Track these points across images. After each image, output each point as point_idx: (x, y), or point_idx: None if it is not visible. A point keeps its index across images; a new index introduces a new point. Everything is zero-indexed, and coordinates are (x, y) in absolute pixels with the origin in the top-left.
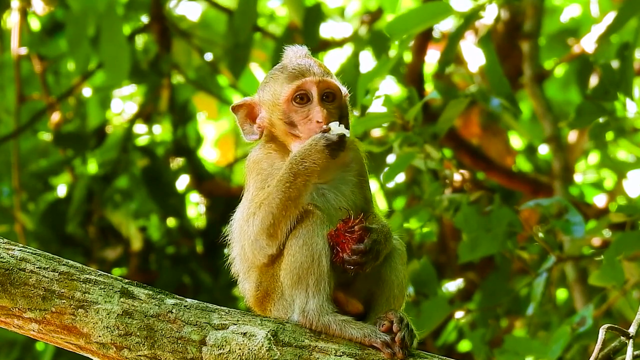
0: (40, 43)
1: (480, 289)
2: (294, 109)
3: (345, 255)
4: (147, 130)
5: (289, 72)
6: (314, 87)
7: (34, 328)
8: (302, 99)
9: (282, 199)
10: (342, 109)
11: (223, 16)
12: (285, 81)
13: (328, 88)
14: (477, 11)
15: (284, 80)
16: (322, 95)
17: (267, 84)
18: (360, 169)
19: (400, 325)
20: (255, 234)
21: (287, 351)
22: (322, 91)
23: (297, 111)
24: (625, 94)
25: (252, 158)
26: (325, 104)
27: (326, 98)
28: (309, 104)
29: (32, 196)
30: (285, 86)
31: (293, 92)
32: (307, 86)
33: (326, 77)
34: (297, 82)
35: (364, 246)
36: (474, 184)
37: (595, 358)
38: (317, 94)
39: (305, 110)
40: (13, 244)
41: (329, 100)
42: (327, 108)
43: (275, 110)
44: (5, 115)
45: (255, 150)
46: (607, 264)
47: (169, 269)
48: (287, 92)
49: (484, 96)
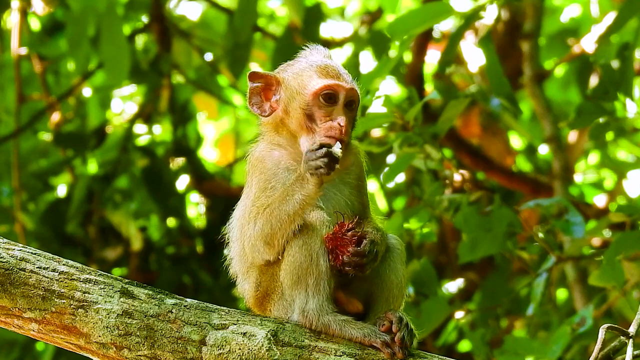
0: (40, 43)
1: (480, 289)
2: (319, 105)
3: (345, 258)
4: (147, 130)
5: (322, 68)
6: (343, 91)
7: (34, 328)
8: (330, 99)
9: (281, 214)
10: (355, 118)
11: (223, 16)
12: (318, 75)
13: (353, 97)
14: (477, 11)
15: (317, 74)
16: (347, 101)
17: (296, 72)
18: (360, 173)
19: (399, 325)
20: (254, 238)
21: (287, 351)
22: (348, 98)
23: (321, 107)
24: (625, 94)
25: (256, 155)
26: (347, 111)
27: (349, 105)
28: (334, 105)
29: (32, 196)
30: (318, 80)
31: (324, 89)
32: (339, 89)
33: (353, 86)
34: (330, 81)
35: (363, 248)
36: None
37: (595, 358)
38: (343, 99)
39: (329, 109)
40: (13, 244)
41: (350, 108)
42: (347, 115)
43: (299, 99)
44: (5, 115)
45: (259, 147)
46: (607, 264)
47: (169, 269)
48: (318, 86)
49: (484, 96)
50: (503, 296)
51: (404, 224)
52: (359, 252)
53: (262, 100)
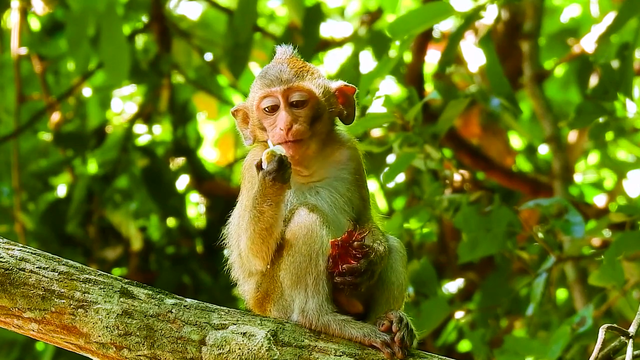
0: (40, 43)
1: (480, 289)
2: (264, 116)
3: (342, 269)
4: (147, 130)
5: (261, 79)
6: (279, 95)
7: (34, 328)
8: (270, 106)
9: (257, 230)
10: (316, 110)
11: (223, 16)
12: (258, 88)
13: (295, 96)
14: (477, 11)
15: (257, 87)
16: (289, 102)
17: (250, 92)
18: (357, 168)
19: (399, 325)
20: (244, 252)
21: (287, 351)
22: (288, 97)
23: (267, 118)
24: (625, 94)
25: (246, 164)
26: (294, 109)
27: (294, 104)
28: (276, 111)
29: (32, 196)
30: (257, 93)
31: (261, 100)
32: (273, 94)
33: (293, 84)
34: (264, 90)
35: (360, 266)
36: (473, 184)
37: (595, 358)
38: (283, 101)
39: (274, 116)
40: (13, 244)
41: (298, 106)
42: (295, 113)
43: (252, 116)
44: (5, 115)
45: (248, 155)
46: (607, 264)
47: (169, 269)
48: (257, 100)
49: (484, 96)
50: (503, 296)
51: (404, 224)
52: (354, 270)
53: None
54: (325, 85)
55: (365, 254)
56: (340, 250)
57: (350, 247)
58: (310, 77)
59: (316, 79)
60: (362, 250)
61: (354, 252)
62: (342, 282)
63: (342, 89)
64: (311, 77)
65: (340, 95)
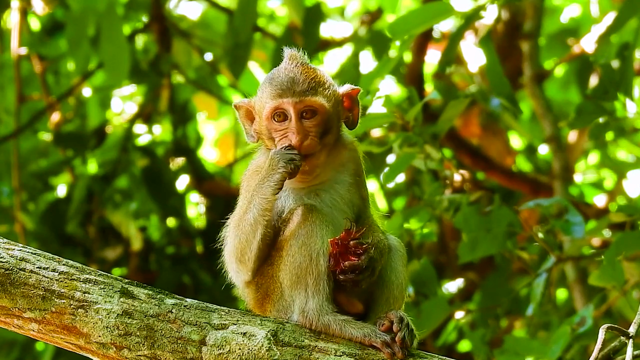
0: (40, 43)
1: (480, 289)
2: (274, 127)
3: (343, 265)
4: (147, 130)
5: (272, 87)
6: (290, 107)
7: (34, 328)
8: (280, 117)
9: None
10: (326, 122)
11: (223, 16)
12: (268, 97)
13: (306, 107)
14: (477, 11)
15: (268, 96)
16: (300, 113)
17: (259, 93)
18: (357, 169)
19: (400, 325)
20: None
21: (287, 351)
22: (299, 111)
23: (277, 128)
24: (625, 94)
25: (248, 172)
26: (305, 121)
27: (305, 115)
28: (286, 121)
29: (32, 196)
30: (268, 103)
31: (272, 111)
32: (285, 106)
33: (306, 97)
34: (276, 101)
35: (361, 263)
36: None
37: (595, 358)
38: (294, 114)
39: (284, 127)
40: (13, 244)
41: (309, 117)
42: (305, 126)
43: (261, 123)
44: (5, 115)
45: (251, 165)
46: (607, 264)
47: (169, 269)
48: (267, 109)
49: (484, 96)
50: (503, 296)
51: (404, 224)
52: (355, 267)
53: (250, 125)
54: (335, 95)
55: (365, 250)
56: (340, 248)
57: (350, 245)
58: (322, 89)
59: (327, 89)
60: (361, 247)
61: (354, 249)
62: (345, 279)
63: (349, 94)
64: (323, 89)
65: (346, 99)
